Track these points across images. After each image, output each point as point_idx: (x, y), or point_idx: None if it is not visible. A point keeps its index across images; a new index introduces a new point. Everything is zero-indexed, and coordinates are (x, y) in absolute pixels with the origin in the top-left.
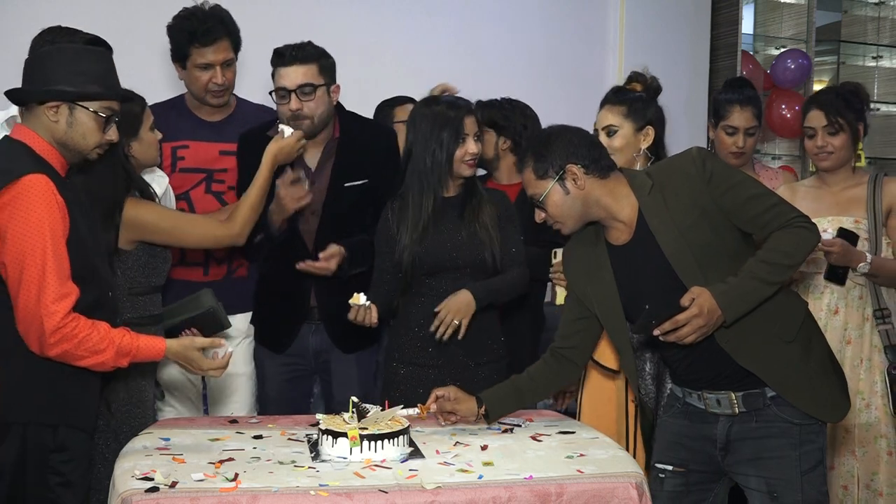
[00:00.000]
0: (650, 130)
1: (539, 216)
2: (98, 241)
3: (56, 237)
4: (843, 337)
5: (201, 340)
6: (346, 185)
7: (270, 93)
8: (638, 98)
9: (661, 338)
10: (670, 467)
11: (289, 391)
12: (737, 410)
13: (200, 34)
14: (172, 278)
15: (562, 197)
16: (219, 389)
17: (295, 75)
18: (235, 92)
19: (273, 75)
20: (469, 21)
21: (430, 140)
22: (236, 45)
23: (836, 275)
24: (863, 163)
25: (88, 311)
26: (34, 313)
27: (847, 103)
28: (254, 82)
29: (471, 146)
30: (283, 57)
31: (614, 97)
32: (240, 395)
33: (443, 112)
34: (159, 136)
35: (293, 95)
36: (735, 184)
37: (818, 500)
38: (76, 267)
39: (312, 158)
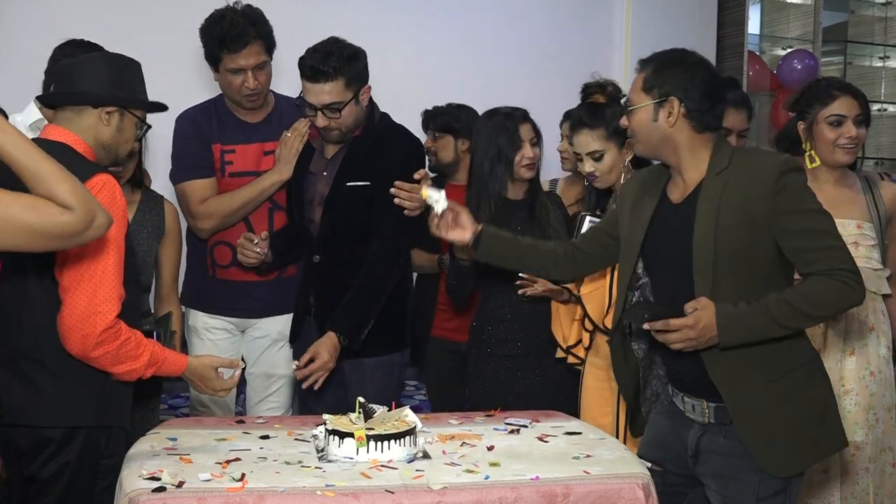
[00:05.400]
0: (632, 142)
1: (623, 122)
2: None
3: (120, 239)
4: (844, 348)
5: (220, 360)
6: (349, 184)
7: (297, 102)
8: (611, 114)
9: (652, 333)
10: (649, 465)
11: (328, 396)
12: (707, 420)
13: (230, 40)
14: (225, 279)
15: (648, 120)
16: (258, 390)
17: (320, 94)
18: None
19: (301, 78)
20: (474, 20)
21: (489, 148)
22: (269, 46)
23: None
24: (817, 162)
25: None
26: (87, 311)
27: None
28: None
29: (527, 151)
30: (308, 72)
31: (591, 120)
32: (277, 397)
33: (500, 122)
34: None
35: (320, 113)
36: (802, 210)
37: None
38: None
39: (332, 148)
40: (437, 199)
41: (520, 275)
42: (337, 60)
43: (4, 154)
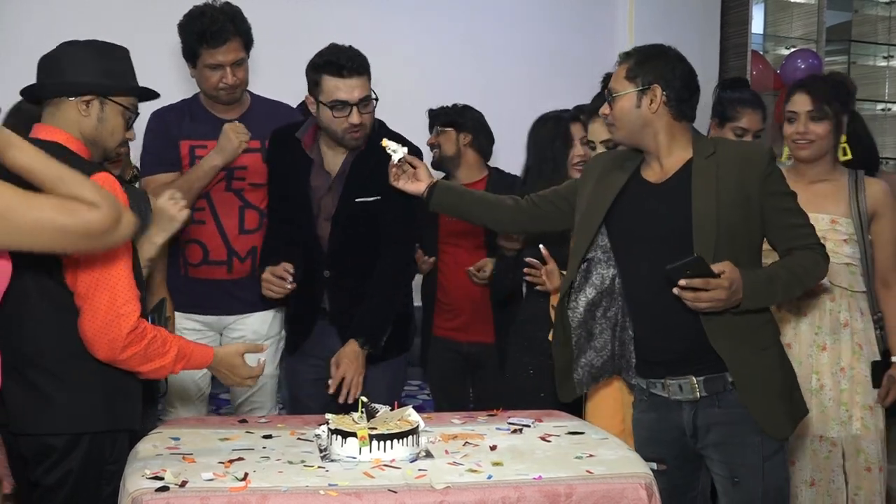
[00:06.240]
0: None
1: (604, 109)
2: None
3: (128, 239)
4: (815, 342)
5: (245, 346)
6: (358, 199)
7: (330, 104)
8: None
9: (675, 291)
10: (654, 465)
11: (316, 393)
12: (698, 395)
13: (209, 35)
14: (197, 277)
15: (631, 106)
16: (241, 390)
17: (355, 88)
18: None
19: (317, 82)
20: (476, 21)
21: (544, 151)
22: (247, 43)
23: None
24: (848, 155)
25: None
26: (109, 316)
27: (834, 92)
28: (266, 81)
29: (578, 150)
30: (341, 68)
31: None
32: (261, 395)
33: (552, 127)
34: None
35: (355, 109)
36: (786, 192)
37: (779, 486)
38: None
39: (334, 164)
40: (395, 150)
41: (525, 259)
42: (362, 58)
43: (21, 166)
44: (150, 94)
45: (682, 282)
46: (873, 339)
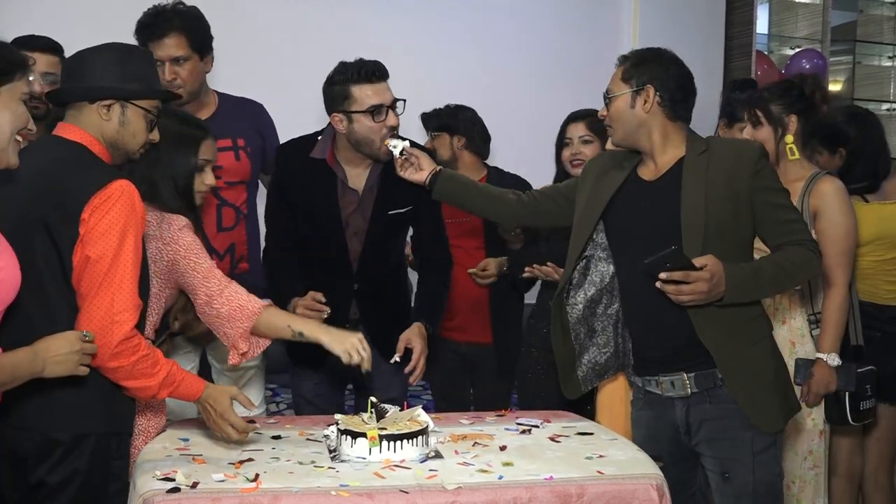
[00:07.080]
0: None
1: (602, 112)
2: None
3: (138, 247)
4: None
5: (236, 391)
6: (391, 212)
7: (370, 109)
8: None
9: (658, 284)
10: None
11: (324, 392)
12: (689, 391)
13: (147, 28)
14: None
15: (626, 107)
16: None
17: (386, 91)
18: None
19: (346, 95)
20: (479, 21)
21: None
22: (195, 42)
23: None
24: (796, 156)
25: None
26: (105, 321)
27: (780, 95)
28: (268, 80)
29: (575, 149)
30: (371, 74)
31: None
32: (250, 391)
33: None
34: None
35: (391, 112)
36: (777, 188)
37: (770, 481)
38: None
39: (359, 181)
40: (395, 145)
41: (523, 272)
42: (382, 64)
43: None
44: (172, 97)
45: (663, 275)
46: (810, 337)
